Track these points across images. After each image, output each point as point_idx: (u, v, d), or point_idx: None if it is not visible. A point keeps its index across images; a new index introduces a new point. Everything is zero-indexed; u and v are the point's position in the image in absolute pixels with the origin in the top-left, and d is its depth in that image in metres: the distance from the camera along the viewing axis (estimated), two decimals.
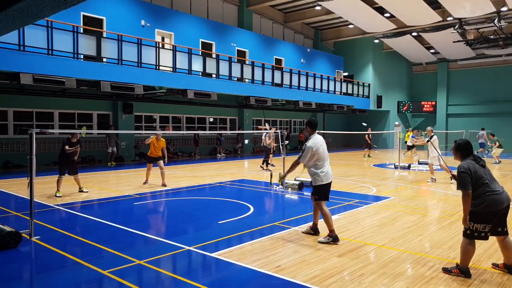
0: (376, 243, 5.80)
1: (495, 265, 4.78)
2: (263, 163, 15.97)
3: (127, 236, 6.20)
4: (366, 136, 22.64)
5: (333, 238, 5.75)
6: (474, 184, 4.34)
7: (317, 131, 6.20)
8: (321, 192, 5.92)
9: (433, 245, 5.71)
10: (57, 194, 9.49)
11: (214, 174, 14.40)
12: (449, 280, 4.39)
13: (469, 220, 4.38)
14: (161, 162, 11.21)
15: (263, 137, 16.35)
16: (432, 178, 12.53)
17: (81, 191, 10.01)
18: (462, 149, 4.67)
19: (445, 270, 4.60)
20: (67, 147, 9.51)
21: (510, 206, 4.50)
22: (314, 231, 6.21)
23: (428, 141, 12.17)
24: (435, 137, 12.19)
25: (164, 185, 11.09)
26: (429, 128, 12.77)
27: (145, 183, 11.30)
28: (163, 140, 11.34)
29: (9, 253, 5.26)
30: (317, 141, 5.97)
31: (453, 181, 10.70)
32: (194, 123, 23.02)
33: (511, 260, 4.57)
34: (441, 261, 5.00)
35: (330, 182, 6.01)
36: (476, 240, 4.44)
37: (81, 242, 5.81)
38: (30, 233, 5.86)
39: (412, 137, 22.36)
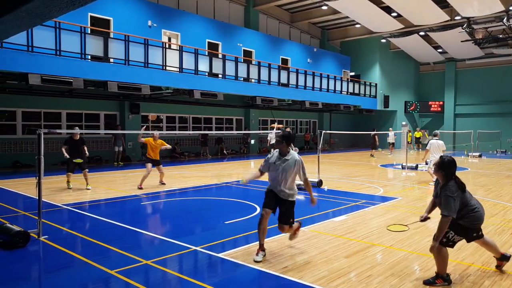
0: (383, 244, 5.76)
1: (497, 267, 4.77)
2: None
3: (134, 236, 6.22)
4: (374, 136, 22.62)
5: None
6: (460, 208, 4.25)
7: (324, 131, 6.24)
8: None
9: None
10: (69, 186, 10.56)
11: (220, 174, 14.41)
12: (458, 282, 4.35)
13: (452, 230, 4.29)
14: (160, 166, 11.09)
15: (268, 137, 16.33)
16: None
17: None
18: (445, 169, 4.36)
19: (427, 283, 4.29)
20: (63, 149, 10.48)
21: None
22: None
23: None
24: (431, 141, 11.78)
25: (162, 183, 11.13)
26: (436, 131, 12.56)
27: (140, 188, 10.55)
28: (160, 141, 10.99)
29: (17, 252, 5.30)
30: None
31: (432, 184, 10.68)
32: (200, 123, 23.06)
33: (498, 251, 4.69)
34: (450, 263, 4.93)
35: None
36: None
37: (88, 241, 5.84)
38: (38, 232, 5.90)
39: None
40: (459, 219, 4.27)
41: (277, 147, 5.33)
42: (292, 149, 5.56)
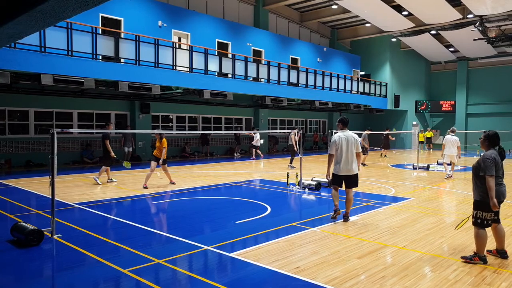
0: (396, 244, 5.70)
1: (489, 251, 5.22)
2: (290, 162, 16.08)
3: (145, 235, 6.24)
4: (387, 135, 22.37)
5: (334, 211, 7.07)
6: (496, 173, 4.82)
7: (335, 131, 6.52)
8: (333, 178, 7.22)
9: (456, 248, 5.57)
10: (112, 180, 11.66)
11: (230, 174, 14.42)
12: (474, 284, 4.27)
13: (480, 210, 4.90)
14: (165, 166, 11.10)
15: (290, 136, 16.34)
16: (448, 174, 13.17)
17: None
18: (490, 139, 5.04)
19: (465, 258, 4.98)
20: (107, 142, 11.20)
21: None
22: (344, 218, 7.11)
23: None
24: (447, 136, 13.18)
25: (172, 183, 11.26)
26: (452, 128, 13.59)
27: (144, 187, 10.67)
28: (164, 140, 10.89)
29: (31, 250, 5.36)
30: (341, 135, 7.02)
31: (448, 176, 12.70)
32: (210, 123, 23.11)
33: (502, 245, 5.11)
34: (465, 264, 4.88)
35: (344, 175, 7.03)
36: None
37: (100, 240, 5.87)
38: (51, 231, 5.95)
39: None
40: (486, 193, 4.80)
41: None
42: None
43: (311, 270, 4.62)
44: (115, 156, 11.44)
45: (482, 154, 5.01)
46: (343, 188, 7.20)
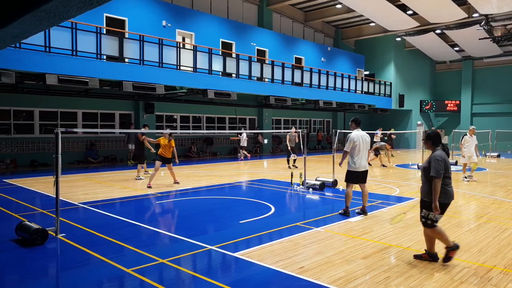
0: (401, 245, 5.67)
1: (417, 256, 5.08)
2: (289, 162, 16.03)
3: (149, 234, 6.24)
4: (390, 135, 22.30)
5: (344, 212, 7.43)
6: (444, 173, 4.77)
7: (338, 130, 6.59)
8: (349, 176, 7.52)
9: (462, 248, 5.51)
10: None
11: (233, 173, 14.41)
12: (480, 285, 4.24)
13: (427, 210, 4.86)
14: (170, 165, 11.23)
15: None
16: (469, 176, 12.70)
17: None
18: (432, 139, 5.02)
19: (416, 257, 5.05)
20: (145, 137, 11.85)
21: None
22: (363, 212, 7.58)
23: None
24: (465, 137, 12.74)
25: (176, 182, 11.31)
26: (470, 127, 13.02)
27: (149, 187, 10.68)
28: (172, 141, 11.09)
29: (36, 249, 5.37)
30: (358, 134, 7.44)
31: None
32: (214, 122, 23.12)
33: (434, 248, 5.03)
34: (471, 265, 4.84)
35: (362, 171, 7.48)
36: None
37: (104, 240, 5.88)
38: (56, 230, 5.97)
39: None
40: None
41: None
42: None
43: (315, 270, 4.60)
44: (154, 151, 11.44)
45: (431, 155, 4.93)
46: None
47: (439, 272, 4.62)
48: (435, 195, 4.71)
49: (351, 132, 7.69)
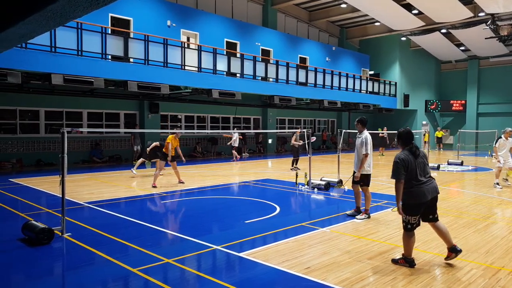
0: None
1: (447, 258, 4.87)
2: (293, 164, 15.77)
3: (155, 234, 6.24)
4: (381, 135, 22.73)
5: (368, 215, 7.20)
6: (406, 175, 4.64)
7: (344, 130, 6.54)
8: (365, 179, 7.34)
9: (469, 249, 5.48)
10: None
11: (238, 173, 14.40)
12: (488, 286, 4.20)
13: (403, 212, 4.73)
14: (175, 163, 11.38)
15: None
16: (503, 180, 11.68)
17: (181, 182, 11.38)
18: (402, 138, 4.89)
19: (393, 261, 4.89)
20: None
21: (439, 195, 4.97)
22: (358, 212, 7.37)
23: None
24: (500, 140, 11.12)
25: (181, 182, 11.34)
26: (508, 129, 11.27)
27: (153, 186, 10.71)
28: (170, 137, 11.30)
29: (42, 249, 5.39)
30: (369, 136, 7.35)
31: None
32: (218, 122, 23.12)
33: (450, 242, 4.84)
34: (478, 266, 4.80)
35: (370, 174, 7.46)
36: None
37: (110, 239, 5.89)
38: (62, 230, 5.98)
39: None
40: (404, 190, 4.68)
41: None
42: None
43: (322, 271, 4.58)
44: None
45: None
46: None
47: (446, 274, 4.58)
48: (396, 197, 4.70)
49: (358, 133, 7.53)
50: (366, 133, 7.35)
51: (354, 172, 7.39)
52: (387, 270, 4.65)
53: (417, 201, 4.68)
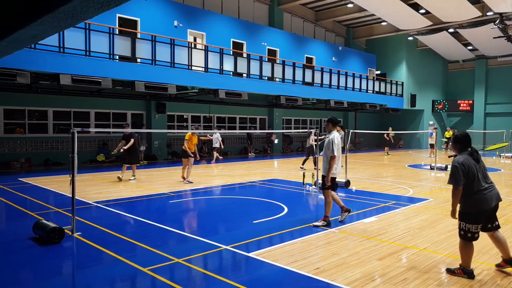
0: (417, 246, 5.60)
1: (498, 266, 4.67)
2: (304, 163, 15.50)
3: (163, 233, 6.27)
4: (386, 135, 22.73)
5: (327, 223, 6.59)
6: (466, 181, 4.27)
7: (350, 130, 6.37)
8: (333, 184, 6.91)
9: (479, 251, 5.43)
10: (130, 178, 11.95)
11: (245, 173, 14.41)
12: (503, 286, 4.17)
13: (461, 220, 4.38)
14: (192, 159, 11.76)
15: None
16: None
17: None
18: (460, 142, 4.48)
19: (448, 271, 4.57)
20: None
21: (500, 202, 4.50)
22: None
23: None
24: None
25: (189, 182, 11.48)
26: None
27: (186, 181, 11.55)
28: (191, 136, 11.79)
29: (53, 248, 5.43)
30: (338, 136, 6.81)
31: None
32: (224, 122, 23.15)
33: (508, 253, 4.52)
34: (489, 268, 4.76)
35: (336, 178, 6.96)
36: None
37: (120, 239, 5.92)
38: (72, 229, 6.03)
39: (430, 134, 22.66)
40: (463, 197, 4.32)
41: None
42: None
43: (331, 271, 4.57)
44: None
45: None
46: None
47: (458, 275, 4.54)
48: (452, 203, 4.36)
49: (327, 132, 6.98)
50: (334, 133, 6.80)
51: (324, 177, 6.80)
52: (397, 271, 4.63)
53: (479, 209, 4.29)
